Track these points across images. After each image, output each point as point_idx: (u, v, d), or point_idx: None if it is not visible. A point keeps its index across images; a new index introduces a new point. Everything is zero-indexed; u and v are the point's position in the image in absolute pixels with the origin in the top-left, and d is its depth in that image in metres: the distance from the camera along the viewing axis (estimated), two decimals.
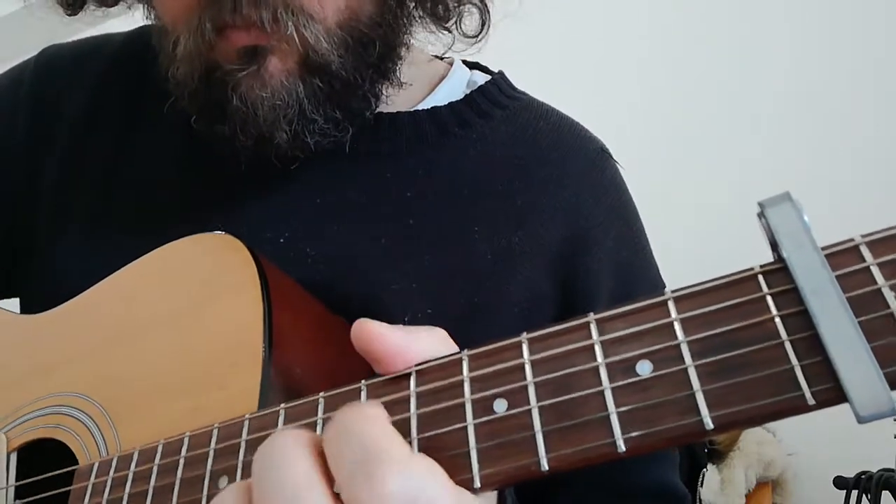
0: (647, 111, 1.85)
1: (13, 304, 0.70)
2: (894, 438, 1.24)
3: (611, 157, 0.69)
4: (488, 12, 0.67)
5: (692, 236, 1.72)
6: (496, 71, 0.73)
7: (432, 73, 0.71)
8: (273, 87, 0.54)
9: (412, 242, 0.62)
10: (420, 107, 0.67)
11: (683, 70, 1.85)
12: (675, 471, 0.65)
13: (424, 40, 0.67)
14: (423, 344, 0.39)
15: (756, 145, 1.78)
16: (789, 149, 1.75)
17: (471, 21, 0.68)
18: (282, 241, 0.61)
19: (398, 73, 0.62)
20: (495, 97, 0.68)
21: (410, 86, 0.65)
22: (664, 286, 0.69)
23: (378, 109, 0.63)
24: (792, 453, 1.56)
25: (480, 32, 0.69)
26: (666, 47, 1.86)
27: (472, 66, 0.74)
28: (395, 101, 0.64)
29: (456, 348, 0.39)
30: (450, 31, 0.68)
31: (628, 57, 1.88)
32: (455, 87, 0.70)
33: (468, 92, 0.68)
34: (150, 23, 0.66)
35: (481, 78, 0.71)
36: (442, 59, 0.74)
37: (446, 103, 0.67)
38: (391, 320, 0.58)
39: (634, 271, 0.66)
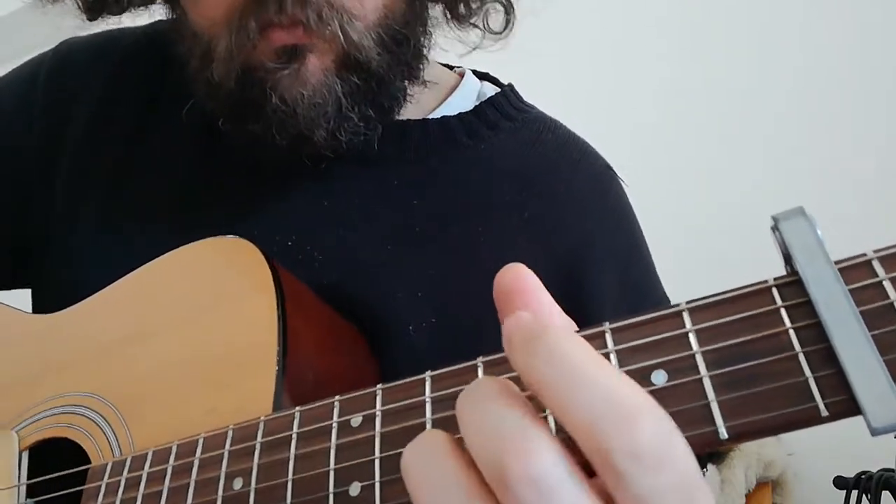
0: (658, 118, 1.84)
1: (25, 302, 0.70)
2: (894, 438, 1.25)
3: (615, 174, 0.70)
4: (513, 9, 0.68)
5: (702, 244, 1.71)
6: (506, 83, 0.73)
7: (443, 84, 0.71)
8: (313, 84, 0.55)
9: (418, 250, 0.62)
10: (430, 116, 0.67)
11: (694, 76, 1.84)
12: None
13: (451, 38, 0.68)
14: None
15: (767, 154, 1.77)
16: (799, 159, 1.74)
17: (495, 19, 0.69)
18: (290, 243, 0.62)
19: (423, 74, 0.63)
20: (504, 109, 0.69)
21: (426, 90, 0.66)
22: (669, 304, 0.69)
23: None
24: (792, 453, 1.57)
25: (504, 30, 0.70)
26: (676, 53, 1.86)
27: (483, 76, 0.75)
28: (405, 109, 0.64)
29: None
30: (476, 27, 0.69)
31: (637, 62, 1.88)
32: (466, 98, 0.71)
33: (478, 103, 0.69)
34: (165, 18, 0.66)
35: (491, 90, 0.72)
36: (453, 69, 0.74)
37: (455, 113, 0.67)
38: (396, 327, 0.60)
39: (642, 289, 0.67)
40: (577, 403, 0.27)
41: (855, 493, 1.37)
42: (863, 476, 1.37)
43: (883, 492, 1.33)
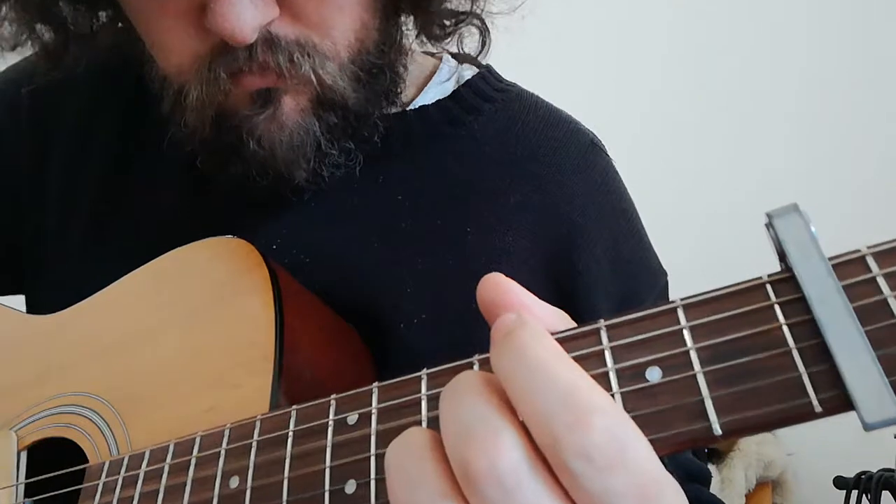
0: (653, 112, 1.85)
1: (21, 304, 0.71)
2: (894, 438, 1.25)
3: (602, 149, 0.69)
4: (488, 32, 0.66)
5: (697, 240, 1.71)
6: (484, 64, 0.71)
7: (421, 71, 0.70)
8: (290, 127, 0.54)
9: (405, 246, 0.62)
10: (409, 107, 0.66)
11: (690, 71, 1.85)
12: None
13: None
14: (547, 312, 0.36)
15: (762, 151, 1.78)
16: (794, 155, 1.74)
17: (471, 40, 0.67)
18: (274, 247, 0.61)
19: (401, 94, 0.63)
20: (483, 91, 0.67)
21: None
22: (665, 274, 0.69)
23: None
24: (792, 453, 1.57)
25: (481, 53, 0.68)
26: (676, 48, 1.86)
27: (462, 58, 0.73)
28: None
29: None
30: (448, 52, 0.68)
31: (636, 57, 1.88)
32: (445, 84, 0.69)
33: (455, 88, 0.68)
34: None
35: (470, 72, 0.70)
36: (432, 55, 0.73)
37: (434, 102, 0.66)
38: (387, 326, 0.59)
39: (635, 264, 0.66)
40: (535, 400, 0.28)
41: (855, 493, 1.37)
42: (863, 476, 1.37)
43: (883, 492, 1.33)
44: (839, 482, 1.39)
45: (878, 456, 1.37)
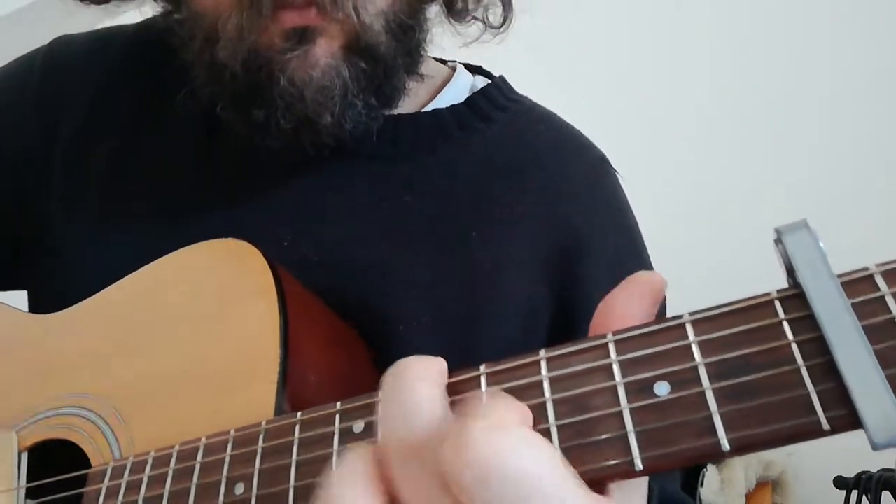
0: (661, 122, 1.84)
1: (21, 301, 0.70)
2: None
3: (611, 166, 0.69)
4: (511, 6, 0.68)
5: (706, 255, 1.71)
6: (497, 75, 0.73)
7: (436, 78, 0.71)
8: (322, 67, 0.55)
9: (410, 249, 0.62)
10: (422, 110, 0.67)
11: (701, 83, 1.84)
12: (678, 481, 0.65)
13: (443, 33, 0.68)
14: None
15: (773, 167, 1.77)
16: (805, 171, 1.73)
17: (493, 15, 0.69)
18: (285, 244, 0.61)
19: (420, 67, 0.63)
20: (496, 99, 0.68)
21: (420, 84, 0.66)
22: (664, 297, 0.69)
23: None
24: (792, 453, 1.57)
25: (502, 26, 0.69)
26: (686, 61, 1.85)
27: (475, 70, 0.74)
28: (399, 104, 0.64)
29: None
30: (476, 18, 0.69)
31: (645, 68, 1.87)
32: (458, 91, 0.70)
33: (470, 95, 0.69)
34: (160, 12, 0.66)
35: (483, 83, 0.71)
36: (445, 63, 0.74)
37: (448, 106, 0.67)
38: (388, 327, 0.59)
39: None
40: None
41: (855, 493, 1.37)
42: (863, 476, 1.37)
43: (883, 492, 1.33)
44: (839, 482, 1.39)
45: (878, 456, 1.36)
